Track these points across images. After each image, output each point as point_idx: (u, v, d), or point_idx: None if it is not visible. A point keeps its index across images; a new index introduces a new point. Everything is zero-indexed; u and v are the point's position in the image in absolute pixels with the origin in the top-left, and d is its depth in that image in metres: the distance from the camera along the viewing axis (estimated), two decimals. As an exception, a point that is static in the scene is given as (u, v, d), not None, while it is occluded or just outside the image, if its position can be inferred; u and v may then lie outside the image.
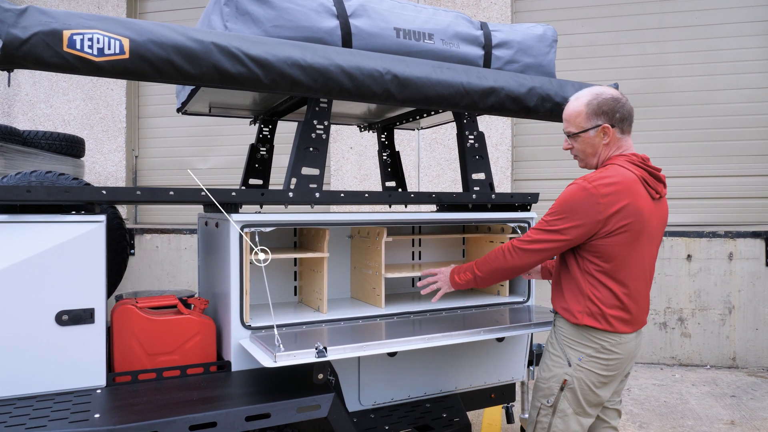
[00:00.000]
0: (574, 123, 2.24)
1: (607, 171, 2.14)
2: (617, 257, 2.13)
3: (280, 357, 2.00)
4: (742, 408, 4.36)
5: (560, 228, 2.13)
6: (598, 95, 2.22)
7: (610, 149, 2.23)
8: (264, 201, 2.46)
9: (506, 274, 2.35)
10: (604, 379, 2.21)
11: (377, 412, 2.71)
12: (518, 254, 2.26)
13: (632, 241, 2.13)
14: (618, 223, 2.09)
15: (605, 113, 2.19)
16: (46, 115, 7.02)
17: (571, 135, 2.27)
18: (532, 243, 2.21)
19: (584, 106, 2.21)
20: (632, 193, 2.11)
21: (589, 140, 2.23)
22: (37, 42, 1.76)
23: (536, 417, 2.29)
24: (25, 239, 2.03)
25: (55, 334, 2.06)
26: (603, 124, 2.19)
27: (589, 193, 2.08)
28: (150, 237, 6.58)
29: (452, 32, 2.72)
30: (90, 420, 1.81)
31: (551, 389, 2.24)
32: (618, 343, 2.17)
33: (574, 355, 2.19)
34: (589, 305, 2.15)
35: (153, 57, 1.94)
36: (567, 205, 2.13)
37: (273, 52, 2.16)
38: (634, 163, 2.19)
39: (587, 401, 2.21)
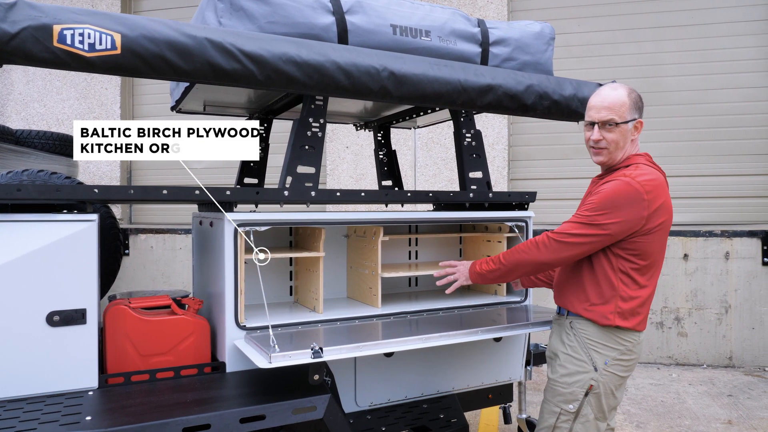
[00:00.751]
0: (618, 112, 2.17)
1: (641, 169, 2.13)
2: (653, 254, 2.13)
3: (275, 358, 1.97)
4: (739, 407, 4.35)
5: (602, 223, 2.07)
6: (632, 90, 2.21)
7: (634, 146, 2.24)
8: (259, 200, 2.43)
9: (534, 268, 2.25)
10: (622, 381, 2.22)
11: (374, 413, 2.68)
12: (554, 247, 2.15)
13: (664, 238, 2.15)
14: (658, 220, 2.09)
15: (640, 109, 2.21)
16: (39, 115, 6.98)
17: (612, 124, 2.17)
18: (571, 236, 2.12)
19: (627, 98, 2.17)
20: (665, 191, 2.14)
21: (626, 132, 2.19)
22: (27, 37, 1.73)
23: (555, 422, 2.21)
24: (16, 238, 1.99)
25: (46, 335, 2.02)
26: (639, 119, 2.20)
27: (635, 189, 2.05)
28: (145, 237, 6.54)
29: (449, 29, 2.70)
30: (81, 423, 1.78)
31: (574, 394, 2.18)
32: (637, 343, 2.19)
33: (600, 359, 2.16)
34: (621, 305, 2.12)
35: (145, 53, 1.91)
36: (612, 200, 2.06)
37: (268, 48, 2.13)
38: (653, 164, 2.22)
39: (608, 405, 2.20)
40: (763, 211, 5.74)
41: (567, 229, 2.14)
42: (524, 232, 3.00)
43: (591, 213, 2.10)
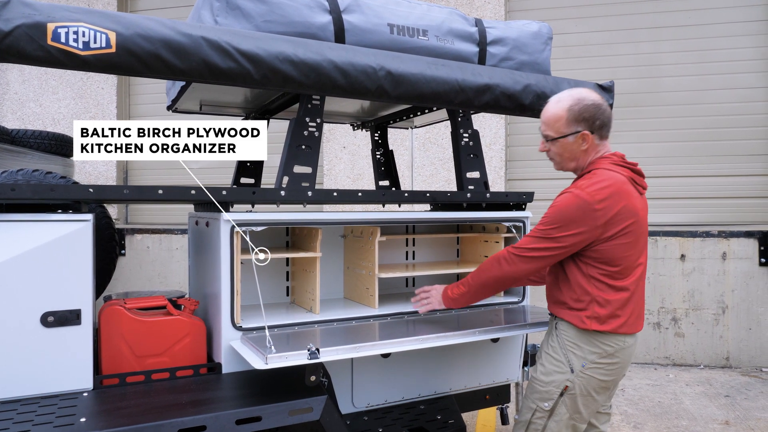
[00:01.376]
0: (553, 127, 2.21)
1: (597, 176, 2.12)
2: (622, 260, 2.11)
3: (272, 359, 1.96)
4: (737, 408, 4.35)
5: (556, 236, 2.10)
6: (579, 100, 2.17)
7: (589, 155, 2.22)
8: (255, 200, 2.42)
9: (501, 284, 2.30)
10: (605, 384, 2.19)
11: (371, 414, 2.67)
12: (514, 261, 2.20)
13: (633, 241, 2.12)
14: (617, 226, 2.07)
15: (585, 120, 2.16)
16: (35, 114, 6.95)
17: (549, 139, 2.23)
18: (529, 251, 2.17)
19: (565, 111, 2.17)
20: (626, 194, 2.10)
21: (568, 146, 2.20)
22: (20, 35, 1.72)
23: (530, 418, 2.25)
24: (10, 238, 1.98)
25: (40, 335, 2.01)
26: (583, 131, 2.17)
27: (584, 201, 2.05)
28: (141, 237, 6.52)
29: (447, 29, 2.69)
30: (76, 424, 1.77)
31: (550, 393, 2.20)
32: (621, 348, 2.15)
33: (578, 361, 2.16)
34: (597, 309, 2.12)
35: (140, 51, 1.89)
36: (562, 214, 2.09)
37: (264, 47, 2.12)
38: (618, 163, 2.18)
39: (585, 407, 2.19)
40: (760, 211, 5.75)
41: (525, 244, 2.19)
42: (522, 232, 2.99)
43: (545, 227, 2.13)
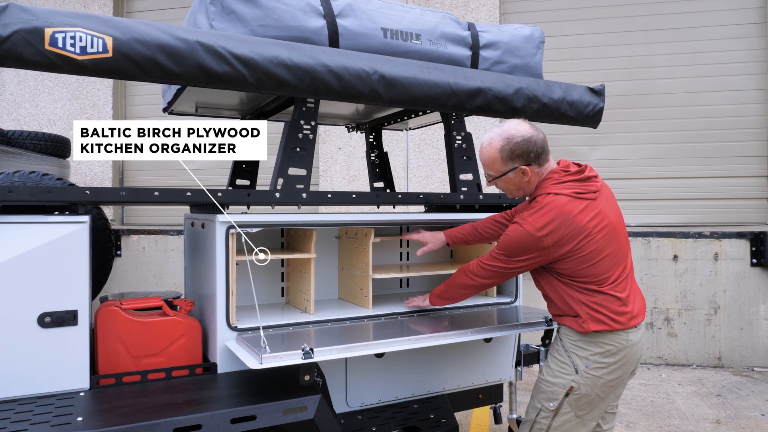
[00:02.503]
0: (492, 168, 2.34)
1: (538, 204, 2.20)
2: (588, 270, 2.17)
3: (266, 359, 1.99)
4: (728, 407, 4.39)
5: (509, 260, 2.28)
6: (509, 139, 2.26)
7: (532, 182, 2.32)
8: (250, 201, 2.45)
9: (472, 291, 2.49)
10: (611, 383, 2.23)
11: (365, 414, 2.70)
12: (477, 273, 2.39)
13: (591, 254, 2.15)
14: (566, 246, 2.15)
15: (519, 156, 2.26)
16: (31, 115, 6.95)
17: (491, 178, 2.37)
18: (488, 266, 2.35)
19: (498, 152, 2.28)
20: (568, 215, 2.14)
21: (510, 180, 2.34)
22: (18, 40, 1.74)
23: (535, 417, 2.31)
24: (7, 240, 2.00)
25: (37, 336, 2.03)
26: (520, 167, 2.27)
27: (527, 232, 2.17)
28: (137, 238, 6.53)
29: (439, 33, 2.72)
30: (72, 423, 1.79)
31: (555, 394, 2.26)
32: (624, 346, 2.20)
33: (582, 362, 2.22)
34: (591, 312, 2.18)
35: (137, 56, 1.92)
36: (510, 246, 2.24)
37: (259, 51, 2.15)
38: (560, 180, 2.23)
39: (592, 406, 2.24)
40: (752, 212, 5.80)
41: (489, 262, 2.35)
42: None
43: (498, 252, 2.30)
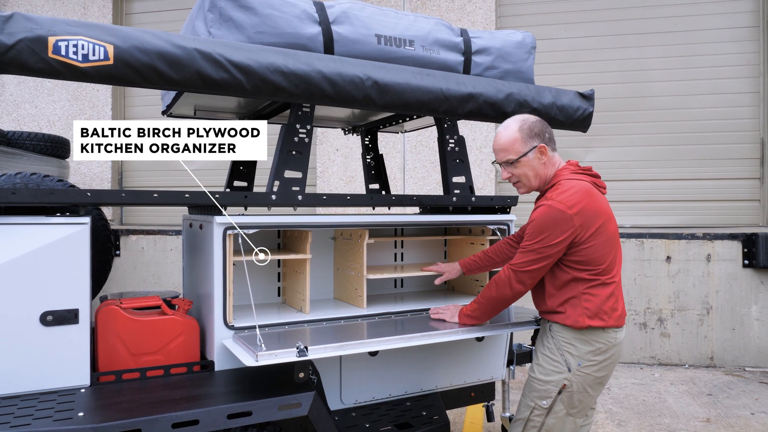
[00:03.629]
0: (512, 150, 2.34)
1: (563, 186, 2.26)
2: (603, 257, 2.24)
3: (262, 356, 2.04)
4: (718, 406, 4.45)
5: (543, 247, 2.23)
6: (525, 120, 2.34)
7: (548, 168, 2.37)
8: (248, 203, 2.50)
9: (508, 303, 2.40)
10: (599, 380, 2.31)
11: (358, 411, 2.75)
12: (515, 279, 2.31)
13: (608, 239, 2.25)
14: (593, 226, 2.21)
15: (537, 134, 2.33)
16: (30, 116, 7.00)
17: (511, 162, 2.36)
18: (526, 265, 2.28)
19: (518, 132, 2.33)
20: (592, 197, 2.25)
21: (529, 163, 2.35)
22: (23, 48, 1.80)
23: (528, 415, 2.36)
24: (11, 240, 2.05)
25: (39, 334, 2.08)
26: (539, 145, 2.32)
27: (558, 210, 2.19)
28: (135, 238, 6.58)
29: (433, 39, 2.78)
30: (74, 418, 1.84)
31: (548, 392, 2.31)
32: (613, 344, 2.28)
33: (574, 360, 2.28)
34: (588, 306, 2.25)
35: (137, 63, 1.98)
36: (543, 226, 2.23)
37: (255, 58, 2.21)
38: (577, 171, 2.33)
39: (581, 402, 2.31)
40: (744, 214, 5.87)
41: (521, 260, 2.30)
42: (506, 234, 3.09)
43: (532, 242, 2.26)
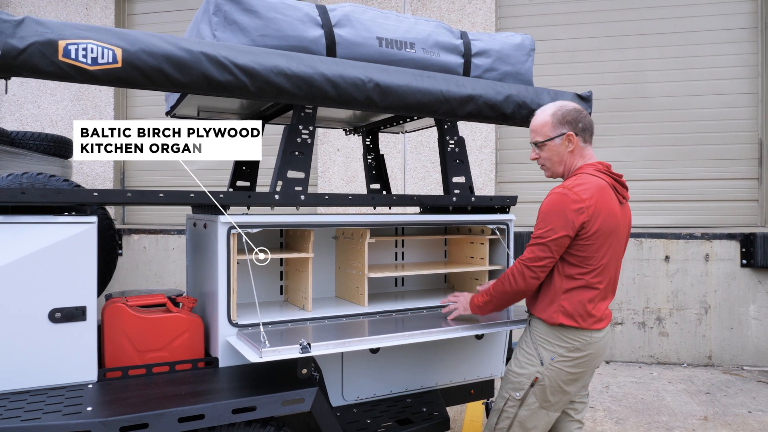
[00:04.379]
0: (541, 132, 2.40)
1: (580, 179, 2.30)
2: (596, 260, 2.27)
3: (266, 353, 2.08)
4: (716, 404, 4.50)
5: (552, 238, 2.23)
6: (561, 107, 2.39)
7: (575, 157, 2.39)
8: (251, 203, 2.54)
9: (520, 297, 2.40)
10: (574, 376, 2.34)
11: (360, 407, 2.80)
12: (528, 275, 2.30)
13: (608, 244, 2.28)
14: (594, 226, 2.23)
15: (569, 122, 2.36)
16: (33, 116, 7.04)
17: (538, 144, 2.42)
18: (537, 260, 2.28)
19: (550, 117, 2.38)
20: (604, 198, 2.27)
21: (555, 148, 2.39)
22: (34, 51, 1.84)
23: (502, 406, 2.42)
24: (20, 239, 2.10)
25: (48, 331, 2.13)
26: (567, 132, 2.35)
27: (569, 198, 2.22)
28: (138, 237, 6.62)
29: (433, 41, 2.82)
30: (83, 413, 1.89)
31: (521, 384, 2.37)
32: (589, 342, 2.30)
33: (547, 355, 2.32)
34: (565, 305, 2.28)
35: (144, 66, 2.02)
36: (551, 212, 2.24)
37: (260, 61, 2.25)
38: (602, 171, 2.35)
39: (555, 397, 2.35)
40: (742, 214, 5.91)
41: (529, 254, 2.30)
42: (505, 234, 3.13)
43: (540, 232, 2.26)
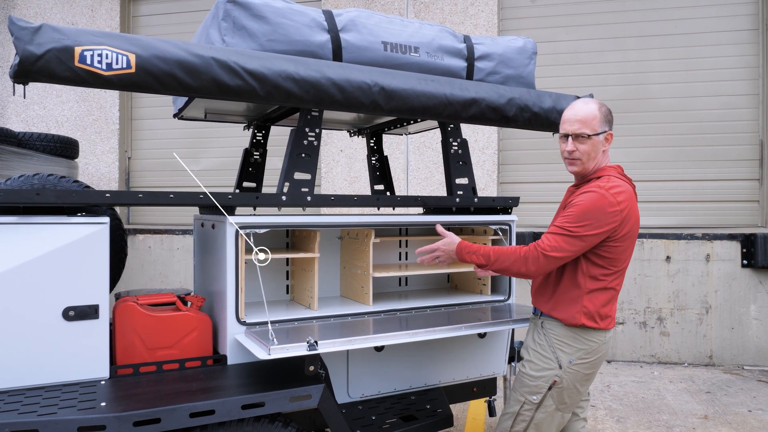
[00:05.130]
0: (590, 125, 2.32)
1: (612, 181, 2.29)
2: (623, 260, 2.31)
3: (274, 350, 2.14)
4: (716, 403, 4.54)
5: (583, 234, 2.22)
6: (603, 104, 2.36)
7: (605, 157, 2.40)
8: (259, 204, 2.59)
9: (519, 276, 2.36)
10: (588, 376, 2.39)
11: (365, 404, 2.85)
12: (541, 262, 2.27)
13: (630, 246, 2.32)
14: (625, 228, 2.26)
15: (609, 122, 2.36)
16: (39, 117, 7.10)
17: (584, 136, 2.32)
18: (557, 251, 2.25)
19: (597, 111, 2.32)
20: (633, 202, 2.31)
21: (597, 144, 2.34)
22: (51, 58, 1.90)
23: (518, 410, 2.42)
24: (35, 239, 2.16)
25: (62, 328, 2.19)
26: (609, 131, 2.36)
27: (607, 201, 2.22)
28: (143, 237, 6.68)
29: (437, 45, 2.87)
30: (97, 408, 1.94)
31: (539, 388, 2.38)
32: (603, 342, 2.35)
33: (565, 357, 2.34)
34: (588, 305, 2.30)
35: (157, 71, 2.08)
36: (589, 212, 2.22)
37: (268, 65, 2.30)
38: (623, 175, 2.38)
39: (570, 398, 2.39)
40: (743, 215, 5.94)
41: (551, 243, 2.26)
42: (507, 234, 3.18)
43: (572, 225, 2.23)
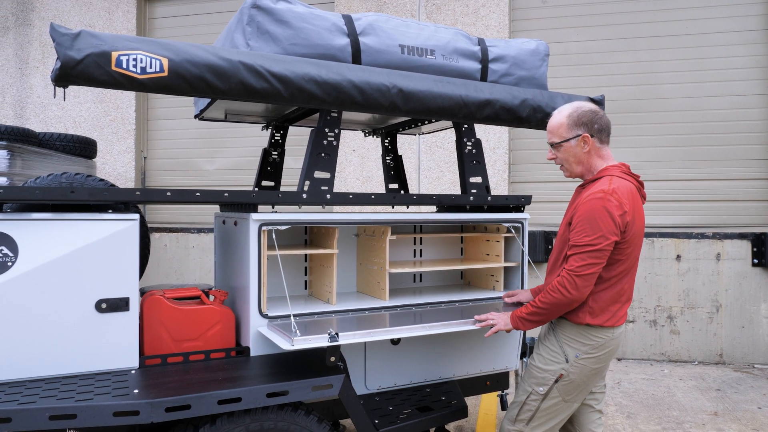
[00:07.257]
0: (556, 134, 2.48)
1: (614, 182, 2.34)
2: (625, 260, 2.36)
3: (297, 341, 2.23)
4: (726, 400, 4.58)
5: (606, 244, 2.26)
6: (578, 108, 2.45)
7: (593, 158, 2.46)
8: (281, 202, 2.68)
9: (570, 307, 2.36)
10: (596, 371, 2.45)
11: (382, 396, 2.94)
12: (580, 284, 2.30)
13: (634, 245, 2.37)
14: (630, 228, 2.32)
15: (584, 124, 2.43)
16: (57, 117, 7.25)
17: (554, 145, 2.49)
18: (587, 267, 2.29)
19: (566, 118, 2.45)
20: (636, 201, 2.37)
21: (571, 149, 2.46)
22: (90, 62, 2.00)
23: (525, 399, 2.51)
24: (70, 234, 2.26)
25: (94, 320, 2.29)
26: (583, 134, 2.43)
27: (612, 204, 2.27)
28: (159, 236, 6.80)
29: (452, 48, 2.95)
30: (130, 395, 2.04)
31: (546, 380, 2.46)
32: (611, 338, 2.41)
33: (572, 352, 2.41)
34: (592, 304, 2.37)
35: (188, 75, 2.18)
36: (597, 219, 2.27)
37: (292, 69, 2.40)
38: (626, 173, 2.44)
39: (577, 391, 2.46)
40: (754, 214, 5.96)
41: (579, 263, 2.30)
42: (520, 232, 3.26)
43: (591, 239, 2.27)
